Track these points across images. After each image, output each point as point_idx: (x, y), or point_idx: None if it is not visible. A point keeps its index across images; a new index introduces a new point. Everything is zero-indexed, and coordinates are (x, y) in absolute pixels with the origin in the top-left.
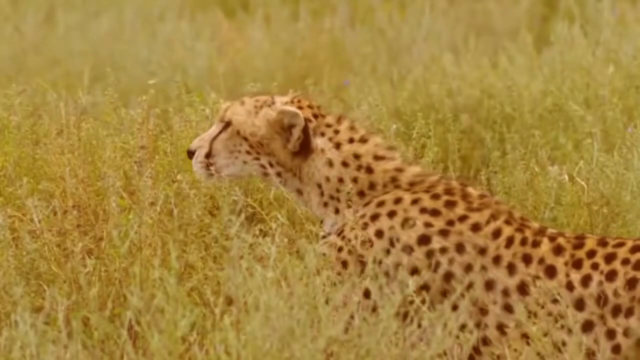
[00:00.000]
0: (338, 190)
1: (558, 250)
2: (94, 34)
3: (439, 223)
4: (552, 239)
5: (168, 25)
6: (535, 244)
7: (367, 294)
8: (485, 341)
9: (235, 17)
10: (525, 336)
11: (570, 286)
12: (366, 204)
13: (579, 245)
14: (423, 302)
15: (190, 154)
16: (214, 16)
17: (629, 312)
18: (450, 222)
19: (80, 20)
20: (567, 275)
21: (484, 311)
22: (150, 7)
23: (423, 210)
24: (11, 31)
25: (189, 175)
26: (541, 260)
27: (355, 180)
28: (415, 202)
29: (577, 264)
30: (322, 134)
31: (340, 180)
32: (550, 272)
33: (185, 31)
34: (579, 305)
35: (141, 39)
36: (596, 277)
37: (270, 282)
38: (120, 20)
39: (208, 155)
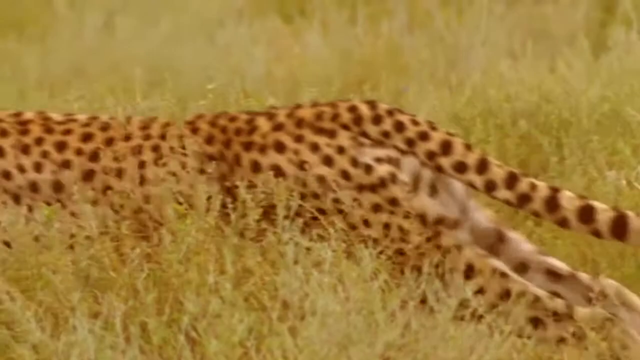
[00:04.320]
0: None
1: None
2: (152, 39)
3: None
4: None
5: (226, 31)
6: None
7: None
8: None
9: (293, 23)
10: None
11: None
12: None
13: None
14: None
15: None
16: (272, 22)
17: None
18: None
19: (138, 26)
20: None
21: None
22: (208, 13)
23: None
24: (70, 37)
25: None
26: None
27: None
28: None
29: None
30: None
31: None
32: None
33: (243, 36)
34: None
35: (199, 44)
36: None
37: (327, 287)
38: (178, 26)
39: None
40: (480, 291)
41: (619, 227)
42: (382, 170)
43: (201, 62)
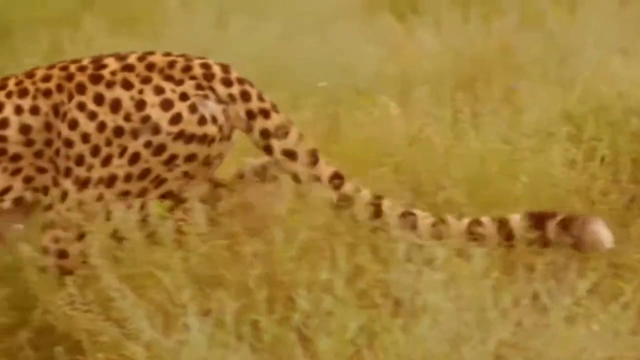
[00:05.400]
0: None
1: None
2: (263, 37)
3: None
4: None
5: (338, 28)
6: None
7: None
8: None
9: (406, 21)
10: None
11: None
12: None
13: None
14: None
15: None
16: (384, 19)
17: None
18: None
19: (250, 24)
20: None
21: None
22: (321, 10)
23: None
24: (182, 34)
25: (358, 177)
26: None
27: None
28: None
29: None
30: None
31: None
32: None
33: (356, 34)
34: None
35: (311, 41)
36: None
37: (439, 285)
38: (290, 23)
39: None
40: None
41: (438, 234)
42: (212, 129)
43: (313, 60)
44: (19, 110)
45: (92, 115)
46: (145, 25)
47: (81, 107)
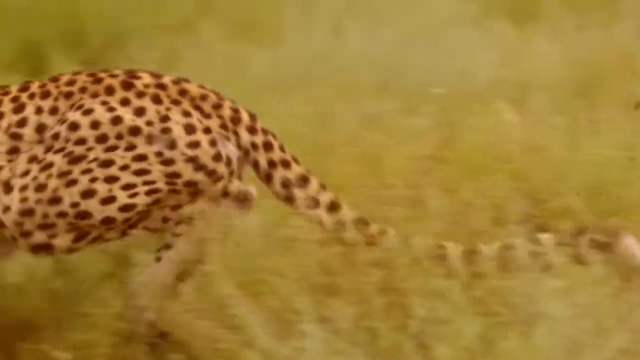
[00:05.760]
0: None
1: None
2: (380, 43)
3: None
4: None
5: (454, 34)
6: None
7: None
8: None
9: (522, 27)
10: None
11: None
12: None
13: None
14: None
15: None
16: (500, 25)
17: None
18: None
19: (367, 30)
20: None
21: None
22: (437, 16)
23: None
24: (300, 41)
25: (474, 184)
26: None
27: None
28: None
29: None
30: None
31: None
32: None
33: (472, 40)
34: None
35: (427, 47)
36: None
37: (556, 292)
38: (406, 29)
39: None
40: None
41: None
42: (223, 169)
43: (429, 65)
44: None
45: (111, 109)
46: (263, 32)
47: (103, 103)
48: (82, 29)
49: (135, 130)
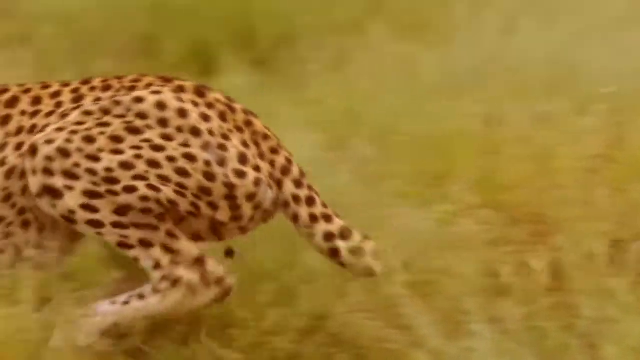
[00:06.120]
0: None
1: None
2: (550, 42)
3: None
4: None
5: (628, 32)
6: None
7: None
8: None
9: None
10: None
11: None
12: None
13: None
14: None
15: None
16: None
17: None
18: None
19: (537, 29)
20: None
21: None
22: (609, 14)
23: None
24: (470, 40)
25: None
26: None
27: None
28: None
29: None
30: None
31: None
32: None
33: None
34: None
35: (598, 46)
36: None
37: None
38: (578, 27)
39: None
40: None
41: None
42: (249, 206)
43: (600, 65)
44: None
45: (180, 100)
46: (433, 32)
47: (174, 90)
48: (251, 29)
49: (196, 131)
